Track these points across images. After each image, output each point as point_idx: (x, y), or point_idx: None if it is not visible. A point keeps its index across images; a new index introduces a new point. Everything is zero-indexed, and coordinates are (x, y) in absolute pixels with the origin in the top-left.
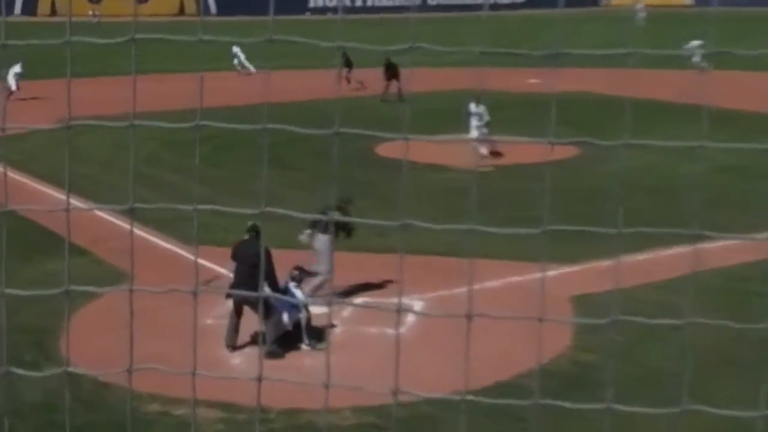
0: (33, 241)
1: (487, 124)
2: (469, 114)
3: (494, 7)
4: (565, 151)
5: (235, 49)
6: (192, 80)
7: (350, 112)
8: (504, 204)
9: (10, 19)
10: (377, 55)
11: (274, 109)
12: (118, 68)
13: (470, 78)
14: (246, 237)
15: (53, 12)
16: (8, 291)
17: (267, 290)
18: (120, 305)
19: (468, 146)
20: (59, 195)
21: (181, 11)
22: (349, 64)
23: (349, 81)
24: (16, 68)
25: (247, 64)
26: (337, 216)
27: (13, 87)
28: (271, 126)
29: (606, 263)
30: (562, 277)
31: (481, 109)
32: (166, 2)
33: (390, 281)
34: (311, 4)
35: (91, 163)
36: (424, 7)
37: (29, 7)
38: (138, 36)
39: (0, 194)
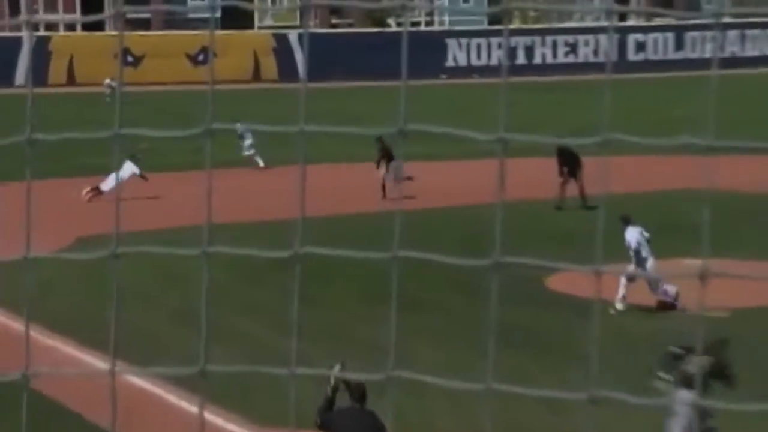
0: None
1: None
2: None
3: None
4: None
5: (241, 129)
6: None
7: (505, 224)
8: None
9: (11, 91)
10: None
11: (366, 221)
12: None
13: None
14: (352, 406)
15: (71, 80)
16: None
17: None
18: None
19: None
20: (88, 357)
21: (257, 76)
22: (387, 155)
23: (384, 189)
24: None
25: (253, 153)
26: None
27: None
28: (403, 254)
29: None
30: None
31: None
32: (234, 64)
33: None
34: (448, 63)
35: (125, 301)
36: (623, 64)
37: (38, 76)
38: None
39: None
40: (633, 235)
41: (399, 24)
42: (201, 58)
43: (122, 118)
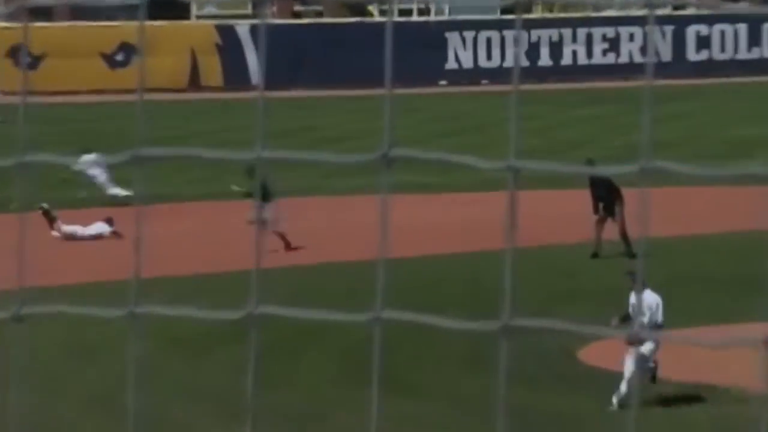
0: None
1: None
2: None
3: None
4: None
5: (85, 164)
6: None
7: (519, 277)
8: None
9: None
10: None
11: (346, 272)
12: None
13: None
14: None
15: None
16: None
17: None
18: None
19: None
20: None
21: (194, 82)
22: (265, 195)
23: (285, 243)
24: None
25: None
26: None
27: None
28: (387, 315)
29: None
30: None
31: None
32: (163, 66)
33: None
34: (449, 64)
35: (27, 381)
36: (680, 65)
37: None
38: None
39: None
40: (654, 299)
41: (383, 12)
42: (120, 57)
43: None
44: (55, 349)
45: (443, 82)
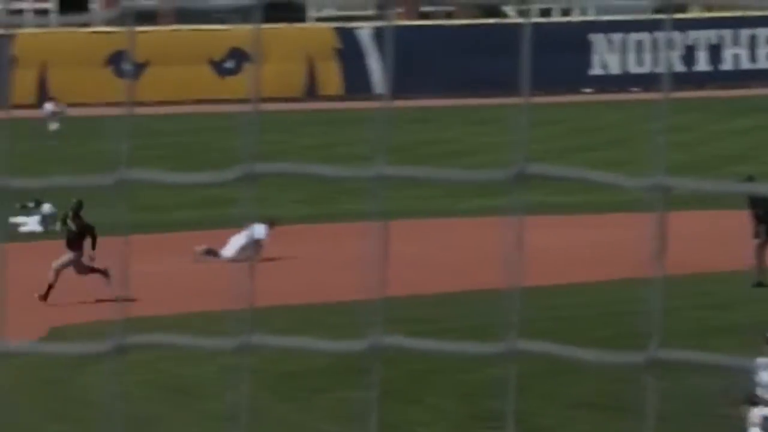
0: None
1: None
2: None
3: None
4: None
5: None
6: None
7: (665, 308)
8: None
9: None
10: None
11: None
12: None
13: None
14: None
15: (43, 98)
16: None
17: None
18: None
19: None
20: None
21: (311, 91)
22: (81, 232)
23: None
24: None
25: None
26: None
27: None
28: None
29: None
30: None
31: None
32: (277, 74)
33: None
34: (594, 70)
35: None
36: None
37: None
38: None
39: None
40: None
41: (520, 13)
42: (230, 65)
43: (122, 156)
44: (149, 386)
45: (587, 90)
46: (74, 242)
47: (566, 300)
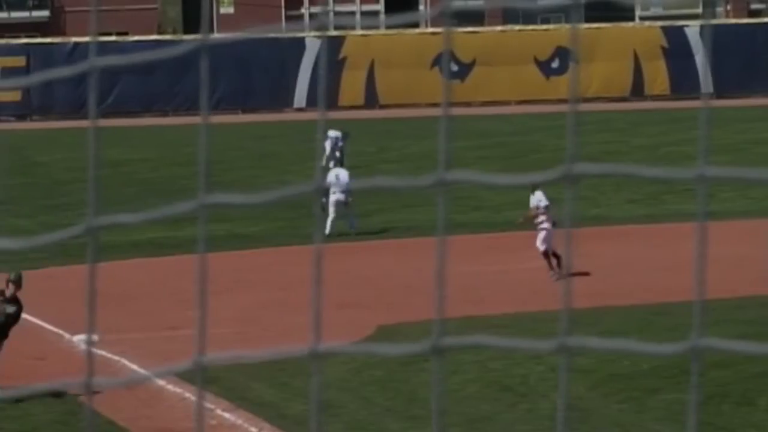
0: None
1: None
2: None
3: None
4: None
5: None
6: None
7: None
8: None
9: (287, 116)
10: None
11: None
12: None
13: None
14: None
15: (371, 100)
16: None
17: None
18: None
19: None
20: None
21: (637, 89)
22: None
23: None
24: None
25: None
26: None
27: None
28: None
29: None
30: None
31: None
32: (604, 73)
33: None
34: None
35: None
36: None
37: (326, 94)
38: None
39: None
40: None
41: None
42: (555, 64)
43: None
44: (480, 385)
45: None
46: None
47: None
